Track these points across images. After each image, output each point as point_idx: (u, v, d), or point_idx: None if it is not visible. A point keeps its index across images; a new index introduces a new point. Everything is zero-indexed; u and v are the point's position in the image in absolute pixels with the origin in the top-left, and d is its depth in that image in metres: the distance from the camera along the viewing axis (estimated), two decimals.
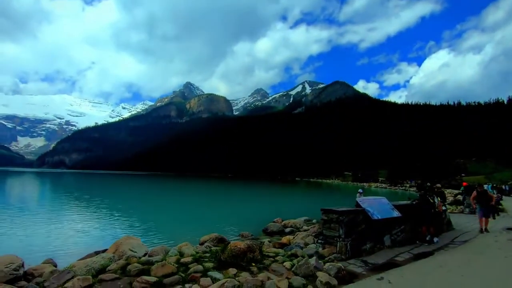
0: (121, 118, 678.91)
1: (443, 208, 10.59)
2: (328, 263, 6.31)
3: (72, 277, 4.85)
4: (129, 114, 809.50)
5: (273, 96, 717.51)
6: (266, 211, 19.15)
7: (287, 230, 12.15)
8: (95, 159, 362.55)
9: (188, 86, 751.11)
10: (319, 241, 7.90)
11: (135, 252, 6.80)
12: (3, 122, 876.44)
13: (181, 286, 4.72)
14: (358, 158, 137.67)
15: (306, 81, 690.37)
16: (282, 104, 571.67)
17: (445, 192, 20.93)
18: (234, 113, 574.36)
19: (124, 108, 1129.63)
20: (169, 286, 4.72)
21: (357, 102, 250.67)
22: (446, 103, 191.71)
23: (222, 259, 5.85)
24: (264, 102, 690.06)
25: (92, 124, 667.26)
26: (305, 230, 11.70)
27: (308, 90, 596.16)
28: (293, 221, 13.45)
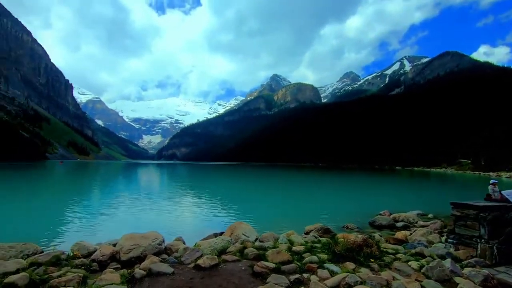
0: (218, 114, 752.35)
1: None
2: (468, 268, 5.25)
3: (201, 255, 5.46)
4: (224, 110, 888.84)
5: (365, 79, 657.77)
6: (368, 202, 17.68)
7: (399, 224, 10.79)
8: (199, 151, 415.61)
9: (275, 78, 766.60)
10: (449, 240, 6.64)
11: (248, 236, 7.21)
12: (133, 124, 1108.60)
13: (299, 275, 4.66)
14: (479, 143, 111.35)
15: (405, 57, 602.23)
16: (376, 86, 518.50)
17: None
18: (322, 100, 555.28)
19: (219, 104, 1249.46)
20: (287, 274, 4.73)
21: (475, 74, 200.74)
22: None
23: (336, 251, 5.53)
24: (354, 86, 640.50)
25: (195, 121, 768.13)
26: (422, 226, 10.14)
27: (407, 67, 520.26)
28: (404, 215, 11.88)
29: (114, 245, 6.23)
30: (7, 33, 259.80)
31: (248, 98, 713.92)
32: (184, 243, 7.28)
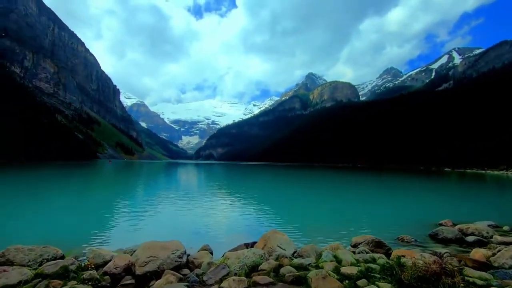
0: (253, 115, 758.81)
1: None
2: None
3: (228, 274, 4.48)
4: (259, 110, 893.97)
5: (408, 74, 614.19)
6: (422, 209, 15.35)
7: (470, 239, 8.79)
8: (234, 151, 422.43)
9: (310, 77, 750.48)
10: None
11: (284, 249, 6.08)
12: (173, 126, 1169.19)
13: None
14: None
15: (454, 49, 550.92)
16: (420, 82, 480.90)
17: None
18: (360, 98, 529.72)
19: (254, 105, 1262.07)
20: None
21: None
22: None
23: (404, 280, 4.15)
24: (396, 82, 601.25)
25: (230, 122, 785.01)
26: (504, 244, 8.09)
27: (457, 59, 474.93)
28: (473, 226, 9.75)
29: (132, 253, 5.54)
30: (65, 45, 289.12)
31: (283, 98, 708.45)
32: (211, 253, 6.39)
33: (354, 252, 6.95)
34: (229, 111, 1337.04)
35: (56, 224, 9.63)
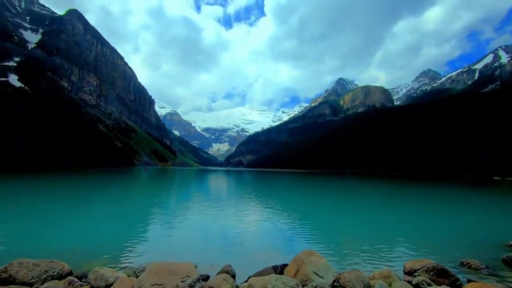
0: (281, 122, 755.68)
1: None
2: None
3: None
4: (288, 117, 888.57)
5: (447, 76, 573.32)
6: (484, 226, 13.00)
7: None
8: (263, 158, 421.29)
9: (341, 82, 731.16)
10: None
11: (321, 276, 4.89)
12: (204, 133, 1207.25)
13: None
14: None
15: (500, 47, 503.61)
16: (462, 84, 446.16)
17: None
18: (395, 103, 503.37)
19: (283, 112, 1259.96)
20: None
21: None
22: None
23: None
24: (434, 85, 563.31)
25: (259, 129, 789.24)
26: None
27: (504, 58, 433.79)
28: None
29: (139, 273, 4.73)
30: (106, 60, 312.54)
31: (312, 105, 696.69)
32: (233, 276, 5.40)
33: (410, 282, 5.54)
34: (258, 118, 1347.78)
35: (74, 233, 9.21)
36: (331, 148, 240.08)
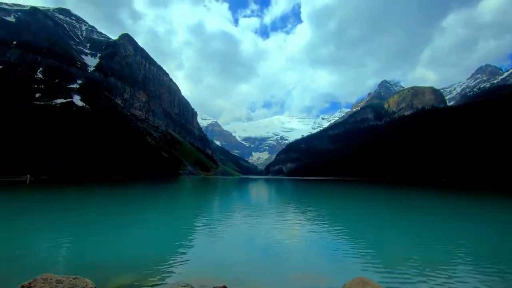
0: (322, 128, 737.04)
1: None
2: None
3: None
4: (328, 123, 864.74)
5: (511, 71, 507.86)
6: None
7: None
8: (304, 166, 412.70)
9: (384, 84, 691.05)
10: None
11: None
12: (244, 143, 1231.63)
13: None
14: None
15: None
16: None
17: None
18: (448, 103, 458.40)
19: (323, 118, 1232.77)
20: None
21: None
22: None
23: None
24: (494, 81, 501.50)
25: (299, 137, 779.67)
26: None
27: None
28: None
29: None
30: (154, 77, 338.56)
31: (354, 109, 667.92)
32: None
33: None
34: (297, 126, 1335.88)
35: (106, 246, 8.98)
36: (375, 155, 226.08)
